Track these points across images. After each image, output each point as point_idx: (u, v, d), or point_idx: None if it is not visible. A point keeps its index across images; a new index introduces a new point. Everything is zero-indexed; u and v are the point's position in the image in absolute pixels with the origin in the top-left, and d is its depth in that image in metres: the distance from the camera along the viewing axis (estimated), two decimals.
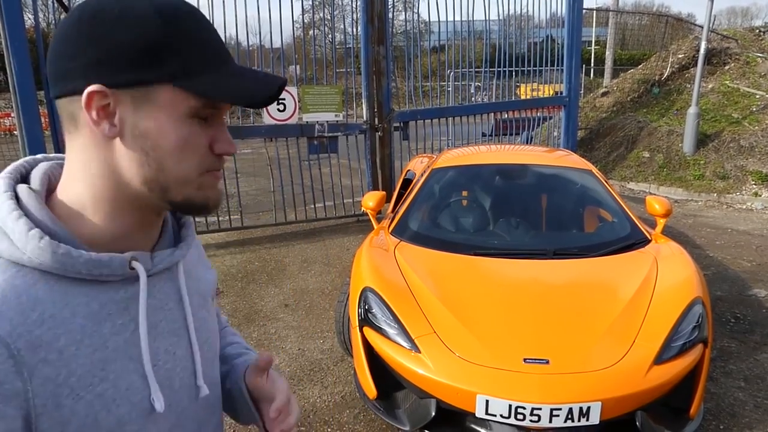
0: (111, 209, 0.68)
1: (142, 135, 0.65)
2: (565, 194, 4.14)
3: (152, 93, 0.64)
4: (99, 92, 0.62)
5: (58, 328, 0.63)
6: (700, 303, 2.86)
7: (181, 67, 0.65)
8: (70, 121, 0.66)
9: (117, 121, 0.64)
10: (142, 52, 0.63)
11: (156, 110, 0.65)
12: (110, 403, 0.66)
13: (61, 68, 0.65)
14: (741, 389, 3.29)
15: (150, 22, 0.63)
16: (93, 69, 0.63)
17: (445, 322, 2.78)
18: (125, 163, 0.66)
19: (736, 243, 6.29)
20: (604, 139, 10.47)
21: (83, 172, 0.67)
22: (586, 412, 2.40)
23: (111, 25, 0.62)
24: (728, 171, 8.66)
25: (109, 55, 0.62)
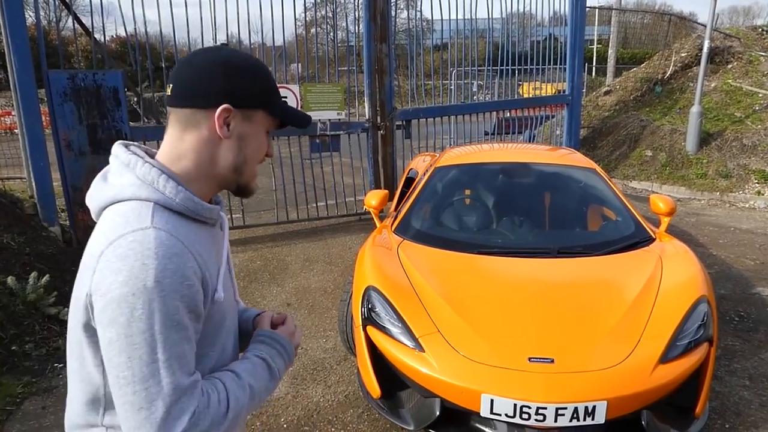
0: (205, 180, 1.06)
1: (242, 138, 1.06)
2: (569, 193, 4.12)
3: (254, 114, 1.06)
4: (227, 109, 1.02)
5: (199, 246, 0.99)
6: (706, 301, 2.84)
7: (271, 99, 1.09)
8: (189, 124, 1.02)
9: (231, 128, 1.04)
10: (254, 89, 1.05)
11: (253, 125, 1.07)
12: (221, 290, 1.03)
13: (200, 90, 1.02)
14: (746, 388, 3.27)
15: (259, 73, 1.07)
16: (226, 94, 1.02)
17: (450, 321, 2.76)
18: (225, 154, 1.05)
19: (740, 241, 6.27)
20: (607, 137, 10.44)
21: (194, 155, 1.03)
22: (592, 411, 2.38)
23: (241, 70, 1.04)
24: (731, 170, 8.63)
25: (238, 88, 1.03)
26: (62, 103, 5.10)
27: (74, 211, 5.36)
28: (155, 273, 0.88)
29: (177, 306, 0.90)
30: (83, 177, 5.30)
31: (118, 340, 0.88)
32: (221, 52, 1.05)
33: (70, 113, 5.15)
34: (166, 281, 0.89)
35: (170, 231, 0.94)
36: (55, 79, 5.07)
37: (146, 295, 0.87)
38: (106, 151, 5.36)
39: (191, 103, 1.02)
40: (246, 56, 1.08)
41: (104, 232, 0.94)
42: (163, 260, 0.89)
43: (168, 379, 0.89)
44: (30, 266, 4.41)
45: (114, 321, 0.88)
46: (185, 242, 0.94)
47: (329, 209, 7.09)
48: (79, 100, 5.14)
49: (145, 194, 0.96)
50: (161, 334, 0.88)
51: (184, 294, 0.91)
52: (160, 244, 0.90)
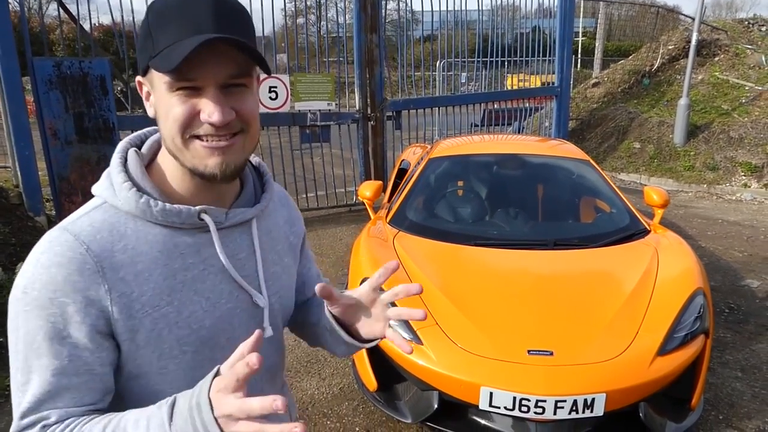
0: (179, 172, 0.86)
1: (158, 111, 0.83)
2: (563, 184, 4.12)
3: (151, 76, 0.81)
4: (138, 82, 0.84)
5: (138, 256, 0.81)
6: (702, 294, 2.85)
7: (152, 48, 0.78)
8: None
9: (151, 102, 0.84)
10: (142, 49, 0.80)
11: (155, 88, 0.82)
12: (172, 324, 0.83)
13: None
14: (738, 379, 3.30)
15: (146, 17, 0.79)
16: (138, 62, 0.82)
17: (447, 313, 2.74)
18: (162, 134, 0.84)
19: (727, 233, 6.34)
20: (595, 129, 10.49)
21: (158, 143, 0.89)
22: (591, 403, 2.38)
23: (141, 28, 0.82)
24: (718, 162, 8.71)
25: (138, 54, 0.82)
26: (48, 91, 4.97)
27: (60, 200, 5.25)
28: (24, 283, 0.77)
29: (40, 326, 0.77)
30: (70, 166, 5.19)
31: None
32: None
33: (56, 101, 5.02)
34: (32, 295, 0.76)
35: (76, 234, 0.79)
36: (41, 66, 4.94)
37: (14, 306, 0.79)
38: (93, 140, 5.26)
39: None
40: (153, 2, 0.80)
41: None
42: (37, 269, 0.77)
43: (18, 400, 0.80)
44: (16, 257, 4.31)
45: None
46: (95, 250, 0.78)
47: (319, 200, 7.04)
48: (65, 89, 5.02)
49: (100, 192, 0.86)
50: (21, 352, 0.78)
51: (51, 312, 0.76)
52: (47, 248, 0.78)
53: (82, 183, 5.29)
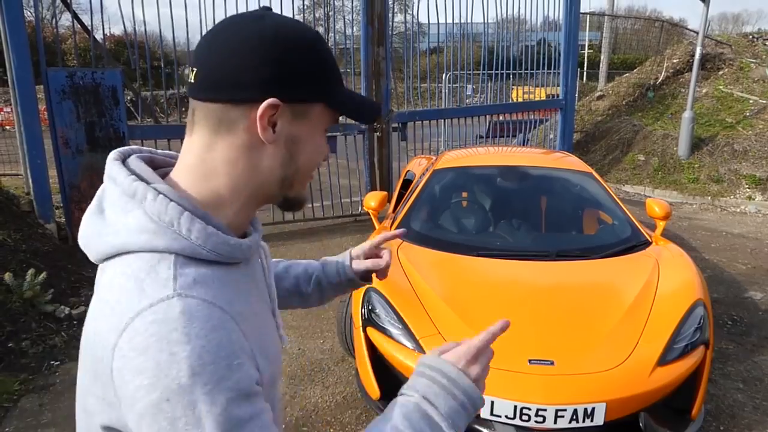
0: (245, 201, 0.77)
1: (293, 142, 0.76)
2: (566, 196, 4.17)
3: (310, 109, 0.76)
4: (274, 105, 0.72)
5: (242, 308, 0.72)
6: (702, 305, 2.89)
7: (332, 87, 0.78)
8: (221, 124, 0.73)
9: (277, 129, 0.74)
10: (313, 75, 0.75)
11: (308, 123, 0.77)
12: (269, 347, 0.77)
13: (235, 78, 0.71)
14: (740, 391, 3.32)
15: (316, 51, 0.75)
16: (273, 83, 0.72)
17: (450, 322, 2.78)
18: (270, 163, 0.75)
19: (731, 246, 6.35)
20: (600, 142, 10.53)
21: (228, 168, 0.74)
22: (591, 413, 2.42)
23: (292, 49, 0.73)
24: (722, 175, 8.73)
25: (289, 74, 0.73)
26: (60, 101, 5.08)
27: (71, 208, 5.34)
28: (190, 363, 0.62)
29: (230, 399, 0.64)
30: (80, 175, 5.29)
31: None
32: (263, 24, 0.73)
33: (68, 111, 5.13)
34: (207, 370, 0.63)
35: (202, 296, 0.67)
36: (54, 77, 5.05)
37: (185, 397, 0.62)
38: (103, 149, 5.36)
39: (224, 96, 0.72)
40: (297, 26, 0.76)
41: (111, 303, 0.68)
42: (197, 342, 0.63)
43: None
44: (26, 263, 4.39)
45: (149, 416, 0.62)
46: (224, 306, 0.68)
47: (325, 210, 7.10)
48: (78, 99, 5.13)
49: (163, 243, 0.69)
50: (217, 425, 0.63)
51: (235, 380, 0.65)
52: (190, 319, 0.64)
53: (91, 191, 5.27)
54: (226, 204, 0.76)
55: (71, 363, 3.60)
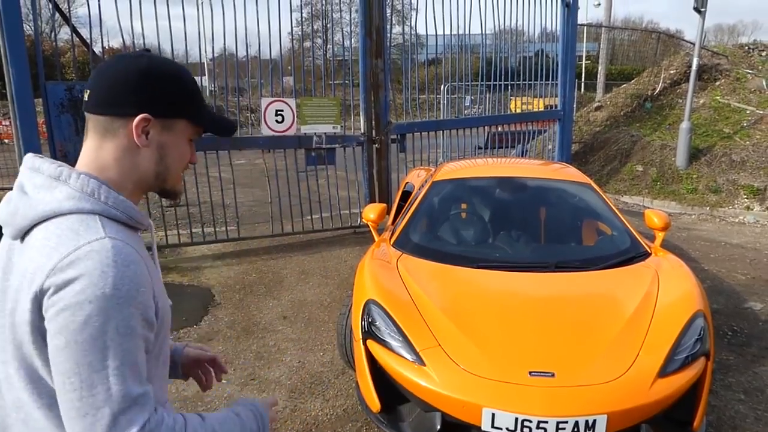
0: (132, 189, 1.04)
1: (162, 147, 1.04)
2: (565, 207, 4.17)
3: (174, 123, 1.05)
4: (146, 119, 1.00)
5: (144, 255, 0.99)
6: (702, 316, 2.88)
7: (193, 108, 1.07)
8: (107, 131, 1.00)
9: (149, 137, 1.02)
10: (177, 98, 1.04)
11: (173, 134, 1.05)
12: (163, 296, 1.03)
13: (117, 98, 1.00)
14: (741, 402, 3.30)
15: (180, 81, 1.05)
16: (145, 104, 1.00)
17: (450, 334, 2.77)
18: (145, 162, 1.04)
19: (730, 256, 6.35)
20: (598, 152, 10.57)
21: (116, 163, 1.02)
22: (592, 425, 2.40)
23: (160, 79, 1.02)
24: (720, 185, 8.76)
25: (157, 98, 1.01)
26: (59, 115, 5.09)
27: None
28: (113, 281, 0.87)
29: (132, 313, 0.89)
30: None
31: (67, 347, 0.86)
32: (140, 61, 1.01)
33: (67, 125, 5.14)
34: (123, 289, 0.88)
35: (123, 240, 0.93)
36: (53, 90, 5.07)
37: (103, 302, 0.86)
38: None
39: (110, 110, 1.00)
40: (167, 63, 1.06)
41: (48, 246, 0.90)
42: (121, 268, 0.89)
43: (117, 387, 0.86)
44: None
45: (65, 327, 0.86)
46: (138, 250, 0.95)
47: (324, 222, 7.11)
48: (77, 112, 5.13)
49: (89, 206, 0.94)
50: (113, 341, 0.87)
51: (139, 302, 0.91)
52: (118, 252, 0.90)
53: None
54: (120, 188, 1.01)
55: None
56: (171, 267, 5.78)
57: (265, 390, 3.48)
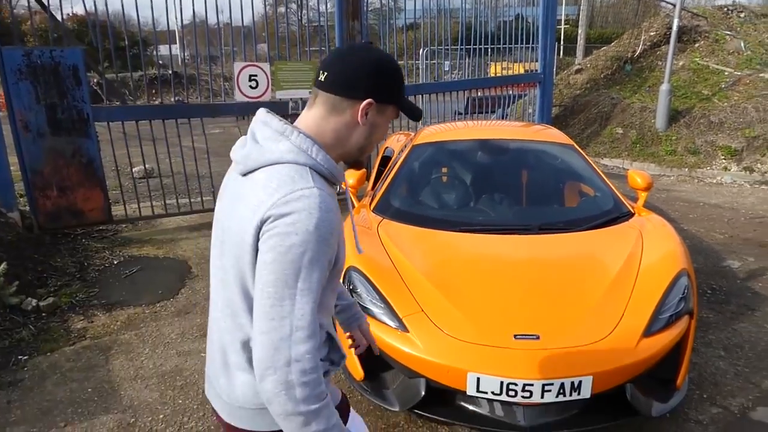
0: (336, 152, 1.25)
1: (373, 126, 1.26)
2: (548, 169, 4.10)
3: (387, 107, 1.26)
4: (370, 103, 1.21)
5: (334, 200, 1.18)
6: (686, 275, 2.86)
7: (401, 96, 1.28)
8: (335, 108, 1.22)
9: (368, 118, 1.23)
10: (393, 87, 1.25)
11: (384, 116, 1.27)
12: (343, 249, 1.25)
13: (352, 84, 1.20)
14: (721, 358, 3.32)
15: (397, 73, 1.26)
16: (372, 90, 1.21)
17: (433, 300, 2.71)
18: (357, 136, 1.25)
19: (709, 216, 6.40)
20: (578, 115, 10.51)
21: (334, 133, 1.24)
22: (578, 386, 2.37)
23: (385, 71, 1.23)
24: (699, 146, 8.78)
25: (382, 86, 1.23)
26: (17, 82, 4.83)
27: (34, 195, 5.12)
28: (317, 222, 1.09)
29: (324, 251, 1.11)
30: (43, 159, 5.05)
31: (273, 262, 1.09)
32: (371, 54, 1.24)
33: (27, 92, 4.88)
34: (322, 230, 1.10)
35: (326, 192, 1.15)
36: (10, 55, 4.79)
37: (306, 236, 1.09)
38: (67, 132, 5.13)
39: (344, 93, 1.21)
40: (389, 57, 1.28)
41: (270, 186, 1.13)
42: (324, 213, 1.10)
43: (300, 305, 1.09)
44: None
45: (273, 248, 1.09)
46: (334, 203, 1.16)
47: None
48: (36, 79, 4.87)
49: (303, 160, 1.16)
50: (306, 268, 1.09)
51: (330, 243, 1.12)
52: (322, 200, 1.11)
53: (56, 176, 5.15)
54: (328, 150, 1.23)
55: (41, 357, 3.46)
56: (146, 240, 5.62)
57: None
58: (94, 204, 5.47)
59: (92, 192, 5.43)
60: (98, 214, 5.53)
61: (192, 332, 3.78)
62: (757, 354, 3.35)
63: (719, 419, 2.76)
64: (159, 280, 4.64)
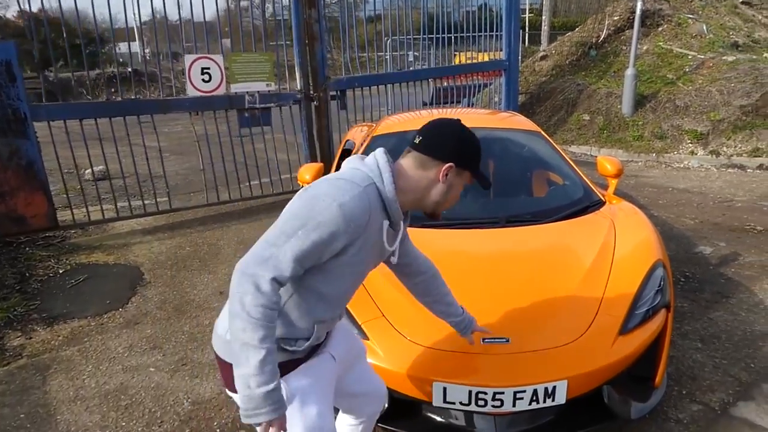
0: (411, 200, 1.56)
1: (450, 186, 1.56)
2: (515, 158, 3.91)
3: (463, 172, 1.56)
4: (451, 167, 1.52)
5: (375, 232, 1.49)
6: (662, 266, 2.70)
7: (476, 165, 1.60)
8: (423, 165, 1.53)
9: (447, 178, 1.53)
10: (471, 157, 1.57)
11: (460, 178, 1.57)
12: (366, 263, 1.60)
13: (439, 148, 1.52)
14: (698, 350, 3.20)
15: (476, 146, 1.58)
16: (454, 156, 1.52)
17: (394, 303, 2.50)
18: (435, 192, 1.55)
19: (678, 201, 6.33)
20: (545, 103, 10.42)
21: (415, 183, 1.54)
22: (552, 392, 2.19)
23: (467, 142, 1.55)
24: (665, 131, 8.76)
25: (462, 154, 1.54)
26: None
27: None
28: (343, 203, 1.36)
29: (331, 230, 1.36)
30: None
31: (287, 212, 1.43)
32: (457, 127, 1.56)
33: None
34: (344, 212, 1.36)
35: (369, 200, 1.42)
36: None
37: (327, 206, 1.36)
38: (2, 132, 4.75)
39: (432, 154, 1.52)
40: (471, 134, 1.57)
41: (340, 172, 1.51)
42: (352, 203, 1.38)
43: (285, 249, 1.35)
44: None
45: (293, 203, 1.44)
46: (371, 215, 1.43)
47: (263, 188, 6.68)
48: None
49: (374, 177, 1.47)
50: (306, 229, 1.35)
51: (339, 229, 1.37)
52: (360, 197, 1.40)
53: None
54: (404, 194, 1.53)
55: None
56: (96, 246, 5.27)
57: (197, 376, 3.14)
58: (36, 209, 5.11)
59: (34, 196, 5.07)
60: (42, 220, 5.17)
61: (140, 345, 3.50)
62: (735, 344, 3.23)
63: (700, 417, 2.62)
64: (107, 288, 4.32)
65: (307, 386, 1.57)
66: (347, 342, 1.85)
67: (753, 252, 4.64)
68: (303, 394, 1.55)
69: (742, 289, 3.96)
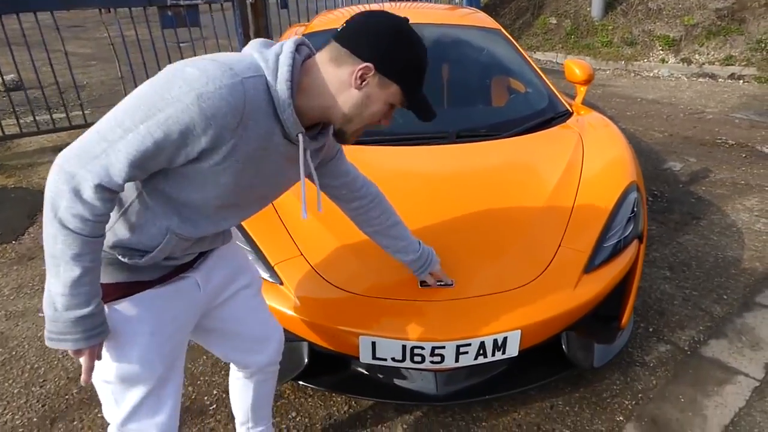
0: (316, 107, 1.16)
1: (368, 96, 1.15)
2: (471, 61, 3.34)
3: (390, 85, 1.15)
4: (368, 68, 1.12)
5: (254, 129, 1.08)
6: (636, 189, 2.29)
7: (412, 84, 1.19)
8: (336, 59, 1.13)
9: (363, 84, 1.13)
10: (404, 68, 1.16)
11: (383, 92, 1.16)
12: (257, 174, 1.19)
13: (360, 40, 1.12)
14: (667, 280, 2.88)
15: (417, 57, 1.17)
16: (378, 57, 1.12)
17: (317, 239, 2.05)
18: (345, 100, 1.15)
19: (647, 113, 5.93)
20: (509, 4, 9.65)
21: (320, 83, 1.14)
22: (502, 344, 1.82)
23: (402, 45, 1.14)
24: (636, 36, 8.21)
25: (389, 57, 1.13)
26: None
27: None
28: (202, 93, 0.99)
29: (181, 129, 1.00)
30: None
31: (132, 95, 1.02)
32: (397, 22, 1.15)
33: None
34: (202, 106, 0.99)
35: (246, 96, 1.04)
36: None
37: (182, 95, 0.99)
38: None
39: (351, 48, 1.12)
40: (418, 38, 1.17)
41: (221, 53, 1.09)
42: (217, 96, 1.00)
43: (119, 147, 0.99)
44: None
45: (143, 85, 1.02)
46: (245, 116, 1.05)
47: None
48: None
49: (265, 68, 1.09)
50: (150, 123, 0.99)
51: (194, 128, 1.00)
52: (231, 89, 1.01)
53: None
54: (309, 96, 1.14)
55: None
56: None
57: None
58: None
59: None
60: None
61: (32, 284, 2.99)
62: (706, 272, 2.92)
63: (668, 359, 2.31)
64: (1, 216, 3.73)
65: (136, 320, 1.20)
66: (230, 267, 1.45)
67: (724, 168, 4.31)
68: (128, 330, 1.19)
69: (714, 209, 3.64)
